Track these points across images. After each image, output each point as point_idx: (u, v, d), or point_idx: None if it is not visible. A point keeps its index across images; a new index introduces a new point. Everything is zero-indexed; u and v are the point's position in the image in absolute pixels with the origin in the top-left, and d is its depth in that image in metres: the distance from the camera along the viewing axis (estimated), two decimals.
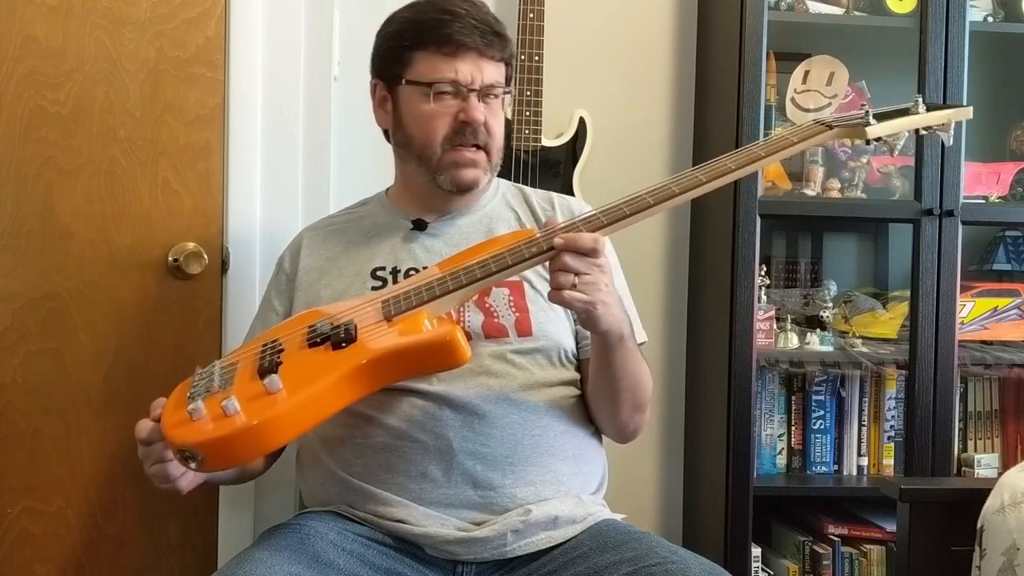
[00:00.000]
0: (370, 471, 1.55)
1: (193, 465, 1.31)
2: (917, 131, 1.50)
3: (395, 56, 1.63)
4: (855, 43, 2.49)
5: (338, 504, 1.57)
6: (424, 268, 1.63)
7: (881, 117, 1.46)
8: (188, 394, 1.41)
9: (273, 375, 1.33)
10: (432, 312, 1.41)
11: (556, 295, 1.40)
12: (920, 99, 1.48)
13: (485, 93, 1.60)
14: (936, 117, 1.47)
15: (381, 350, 1.36)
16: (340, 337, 1.39)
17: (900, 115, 1.47)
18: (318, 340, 1.41)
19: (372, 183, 1.83)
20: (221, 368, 1.46)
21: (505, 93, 1.64)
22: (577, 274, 1.39)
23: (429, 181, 1.64)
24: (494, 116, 1.62)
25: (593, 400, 1.61)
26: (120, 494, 1.97)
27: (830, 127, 1.47)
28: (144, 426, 1.45)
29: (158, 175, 1.96)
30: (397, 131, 1.66)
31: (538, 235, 1.44)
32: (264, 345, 1.48)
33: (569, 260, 1.39)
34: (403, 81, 1.62)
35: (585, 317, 1.43)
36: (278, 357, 1.41)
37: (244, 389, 1.35)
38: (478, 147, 1.61)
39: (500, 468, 1.53)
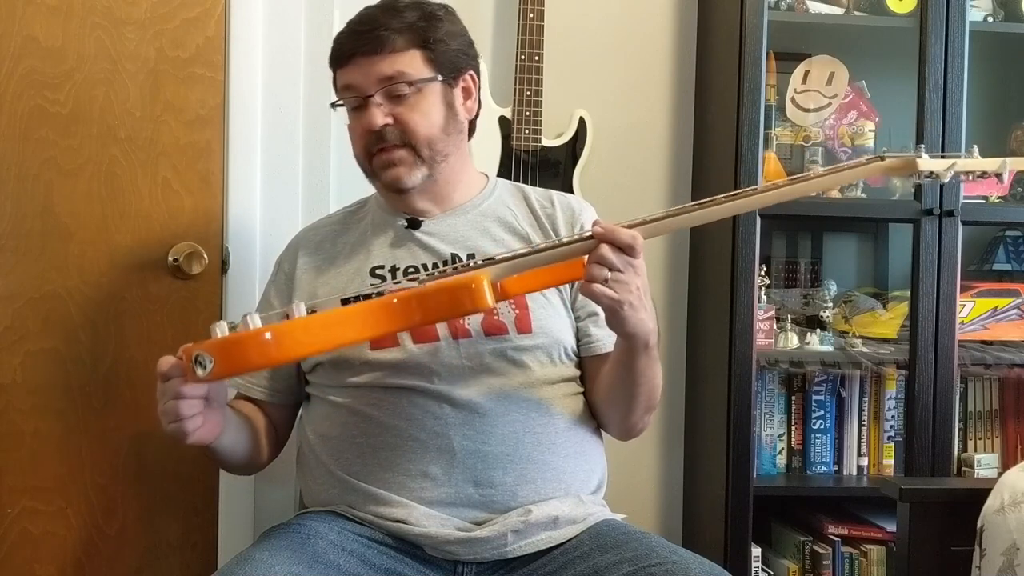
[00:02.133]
0: (370, 470, 1.55)
1: (201, 372, 1.30)
2: (970, 174, 1.51)
3: (334, 83, 1.66)
4: (855, 43, 2.49)
5: (338, 504, 1.57)
6: (423, 266, 1.63)
7: (937, 156, 1.48)
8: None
9: (300, 305, 1.35)
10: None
11: (587, 287, 1.39)
12: (976, 149, 1.50)
13: (388, 91, 1.58)
14: (991, 164, 1.49)
15: (405, 292, 1.37)
16: (371, 295, 1.41)
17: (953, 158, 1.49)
18: (351, 299, 1.43)
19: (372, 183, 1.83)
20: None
21: (419, 83, 1.58)
22: (611, 269, 1.38)
23: (379, 188, 1.68)
24: (410, 110, 1.58)
25: (606, 400, 1.60)
26: (120, 494, 1.97)
27: (883, 159, 1.48)
28: (166, 360, 1.43)
29: (158, 175, 1.96)
30: None
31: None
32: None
33: (606, 252, 1.38)
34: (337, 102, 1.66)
35: (611, 315, 1.42)
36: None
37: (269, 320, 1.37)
38: (396, 146, 1.59)
39: (501, 466, 1.53)
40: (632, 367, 1.52)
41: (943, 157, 1.48)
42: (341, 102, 1.64)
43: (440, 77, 1.61)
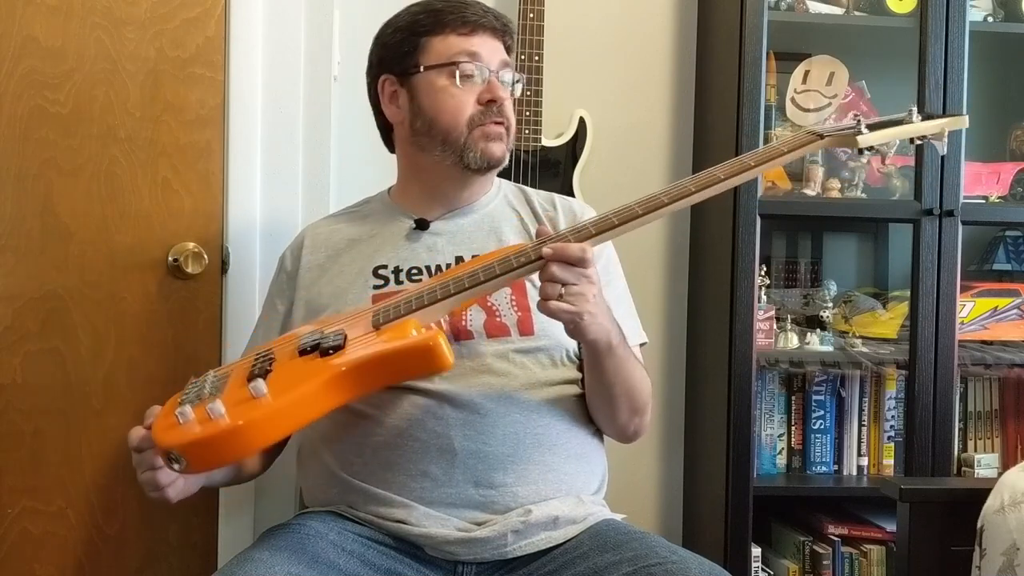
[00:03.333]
0: (370, 470, 1.55)
1: (177, 467, 1.32)
2: (912, 140, 1.50)
3: (409, 46, 1.64)
4: (855, 43, 2.49)
5: (338, 504, 1.57)
6: (427, 267, 1.63)
7: (874, 127, 1.46)
8: (179, 400, 1.43)
9: (259, 380, 1.35)
10: (421, 320, 1.42)
11: (543, 306, 1.41)
12: (915, 109, 1.48)
13: (502, 75, 1.63)
14: (930, 127, 1.47)
15: (364, 356, 1.37)
16: (328, 345, 1.40)
17: (893, 124, 1.47)
18: (308, 348, 1.42)
19: (372, 183, 1.83)
20: (214, 376, 1.48)
21: (515, 82, 1.67)
22: (564, 284, 1.39)
23: (454, 164, 1.63)
24: (509, 99, 1.65)
25: (591, 403, 1.61)
26: (120, 494, 1.97)
27: (821, 137, 1.47)
28: (136, 433, 1.46)
29: (158, 175, 1.96)
30: (416, 120, 1.65)
31: (530, 247, 1.44)
32: (257, 355, 1.50)
33: (557, 271, 1.38)
34: (420, 68, 1.63)
35: (572, 328, 1.43)
36: (268, 365, 1.43)
37: (232, 394, 1.37)
38: (503, 124, 1.63)
39: (501, 467, 1.52)
40: (603, 370, 1.52)
41: (883, 126, 1.45)
42: (453, 64, 1.61)
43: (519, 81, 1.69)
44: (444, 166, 1.65)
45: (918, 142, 1.51)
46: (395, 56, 1.66)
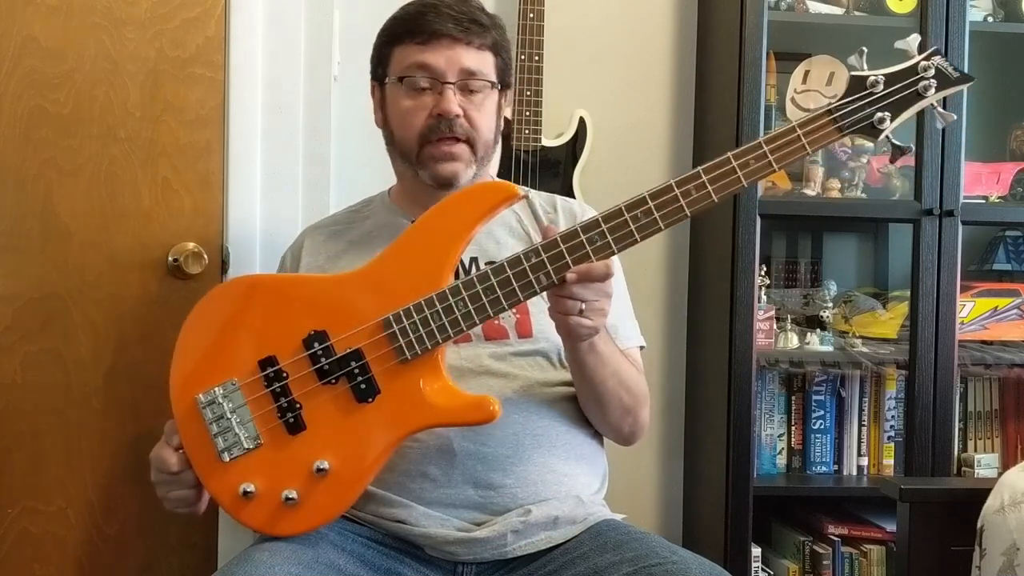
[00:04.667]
0: None
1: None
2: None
3: (382, 55, 1.64)
4: (855, 43, 2.47)
5: None
6: None
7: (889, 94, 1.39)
8: (211, 436, 1.45)
9: (320, 459, 1.40)
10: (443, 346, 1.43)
11: (561, 320, 1.40)
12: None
13: (464, 84, 1.58)
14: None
15: (424, 423, 1.43)
16: (359, 384, 1.41)
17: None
18: (331, 379, 1.42)
19: (372, 183, 1.83)
20: (230, 406, 1.46)
21: (493, 86, 1.61)
22: (585, 301, 1.38)
23: (414, 177, 1.64)
24: (477, 108, 1.59)
25: (582, 404, 1.60)
26: (120, 494, 1.97)
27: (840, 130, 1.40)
28: (172, 458, 1.48)
29: (158, 175, 1.96)
30: (385, 129, 1.67)
31: (544, 255, 1.38)
32: (266, 370, 1.45)
33: (580, 291, 1.38)
34: (387, 79, 1.63)
35: (578, 339, 1.43)
36: (296, 403, 1.43)
37: (285, 457, 1.42)
38: (458, 139, 1.58)
39: (501, 468, 1.52)
40: (583, 366, 1.51)
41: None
42: (403, 78, 1.59)
43: (500, 85, 1.63)
44: (408, 176, 1.66)
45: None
46: (375, 64, 1.67)
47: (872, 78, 1.39)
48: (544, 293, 1.42)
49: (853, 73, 1.41)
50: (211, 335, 1.50)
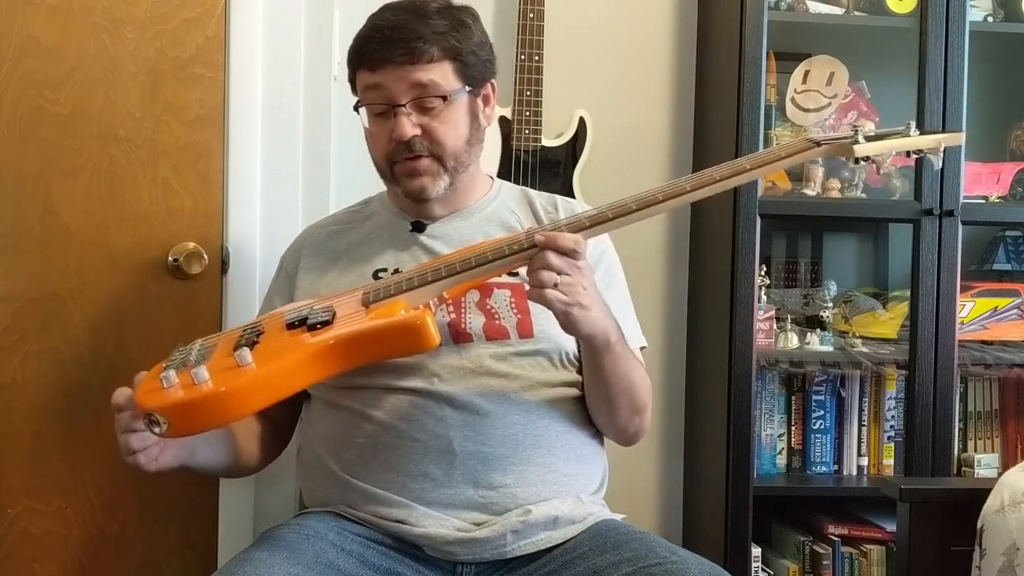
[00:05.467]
0: (370, 470, 1.55)
1: (157, 430, 1.34)
2: (908, 153, 1.50)
3: (351, 78, 1.65)
4: (855, 43, 2.49)
5: (338, 504, 1.57)
6: None
7: (871, 138, 1.46)
8: (164, 366, 1.43)
9: (245, 349, 1.37)
10: (410, 301, 1.43)
11: (535, 293, 1.41)
12: (913, 124, 1.48)
13: (419, 103, 1.57)
14: (927, 141, 1.48)
15: (350, 331, 1.39)
16: (317, 320, 1.42)
17: (890, 137, 1.47)
18: (296, 323, 1.44)
19: (372, 183, 1.83)
20: (201, 345, 1.49)
21: (448, 98, 1.57)
22: (559, 274, 1.39)
23: (396, 193, 1.67)
24: (441, 121, 1.58)
25: (590, 404, 1.60)
26: (120, 494, 1.97)
27: (818, 144, 1.47)
28: (121, 393, 1.46)
29: (158, 175, 1.96)
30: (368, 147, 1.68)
31: (523, 235, 1.44)
32: (246, 328, 1.51)
33: (550, 257, 1.39)
34: (358, 102, 1.64)
35: (564, 319, 1.43)
36: (256, 336, 1.45)
37: (217, 362, 1.39)
38: (421, 156, 1.59)
39: (501, 468, 1.52)
40: (599, 367, 1.52)
41: (879, 138, 1.45)
42: (360, 107, 1.62)
43: (468, 88, 1.61)
44: (395, 191, 1.68)
45: (915, 156, 1.51)
46: (351, 87, 1.67)
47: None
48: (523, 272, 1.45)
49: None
50: None
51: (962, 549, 1.68)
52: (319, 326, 1.40)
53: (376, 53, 1.57)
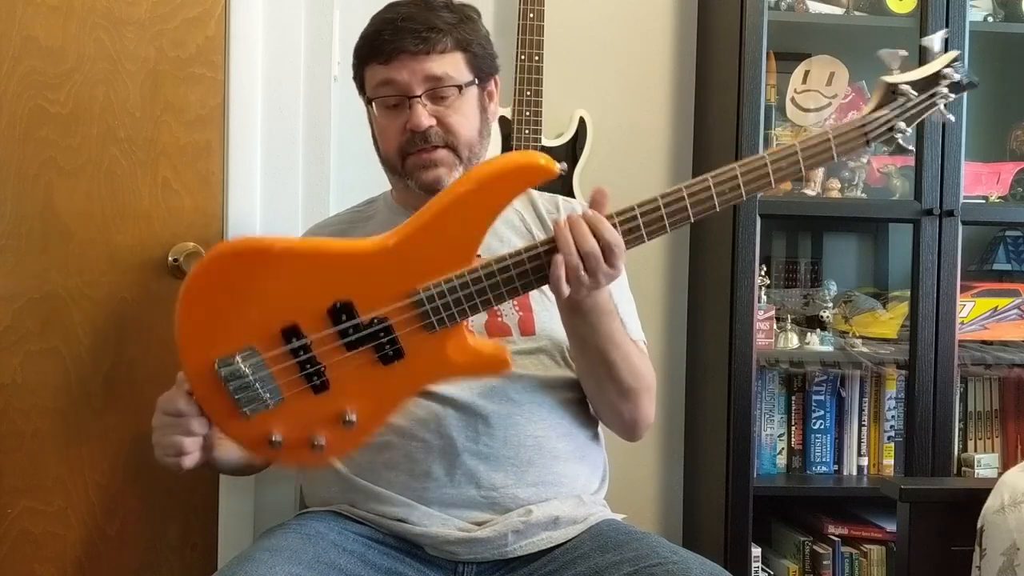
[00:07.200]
0: (373, 468, 1.55)
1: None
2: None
3: (358, 75, 1.65)
4: (855, 43, 2.49)
5: (339, 503, 1.57)
6: None
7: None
8: (231, 395, 1.39)
9: (348, 411, 1.40)
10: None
11: (558, 283, 1.36)
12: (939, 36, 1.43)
13: (433, 93, 1.58)
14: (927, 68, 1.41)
15: (442, 378, 1.47)
16: (386, 351, 1.38)
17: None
18: (355, 343, 1.38)
19: (372, 183, 1.83)
20: (252, 371, 1.39)
21: (464, 87, 1.58)
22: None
23: (405, 188, 1.65)
24: (455, 111, 1.59)
25: (582, 380, 1.58)
26: (120, 494, 1.97)
27: (868, 142, 1.41)
28: (181, 400, 1.43)
29: (158, 175, 1.96)
30: (375, 144, 1.68)
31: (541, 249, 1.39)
32: (290, 340, 1.38)
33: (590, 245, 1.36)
34: (367, 98, 1.64)
35: (578, 299, 1.40)
36: (321, 368, 1.38)
37: (310, 411, 1.41)
38: (437, 147, 1.59)
39: (503, 468, 1.53)
40: (574, 327, 1.48)
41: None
42: (373, 100, 1.61)
43: (477, 81, 1.62)
44: (401, 187, 1.67)
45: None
46: (357, 84, 1.67)
47: (902, 86, 1.40)
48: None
49: (885, 79, 1.41)
50: (223, 296, 1.43)
51: (962, 549, 1.69)
52: (391, 356, 1.39)
53: (389, 44, 1.57)
